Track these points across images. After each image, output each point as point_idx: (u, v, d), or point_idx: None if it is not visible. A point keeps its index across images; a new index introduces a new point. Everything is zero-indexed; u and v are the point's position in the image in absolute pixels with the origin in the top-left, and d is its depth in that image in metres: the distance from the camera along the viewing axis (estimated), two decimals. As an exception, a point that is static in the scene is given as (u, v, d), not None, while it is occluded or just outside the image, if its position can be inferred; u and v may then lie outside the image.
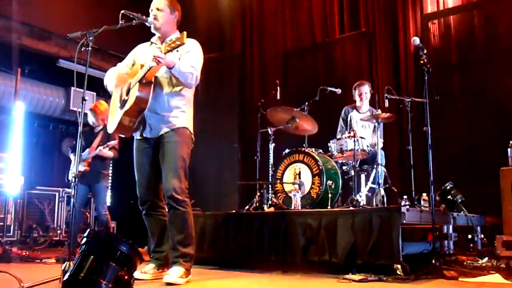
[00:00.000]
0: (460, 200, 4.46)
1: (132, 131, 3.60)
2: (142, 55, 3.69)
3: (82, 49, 3.20)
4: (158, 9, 3.57)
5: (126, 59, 3.82)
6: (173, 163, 3.46)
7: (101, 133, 5.51)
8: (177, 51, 3.41)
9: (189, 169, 3.58)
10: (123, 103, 3.52)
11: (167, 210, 3.55)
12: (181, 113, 3.57)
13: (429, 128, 3.91)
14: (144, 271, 3.54)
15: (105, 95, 8.78)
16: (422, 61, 3.98)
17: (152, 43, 3.73)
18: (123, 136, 3.65)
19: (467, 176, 5.53)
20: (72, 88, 7.75)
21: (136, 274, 3.20)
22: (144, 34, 3.74)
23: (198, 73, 3.52)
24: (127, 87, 3.54)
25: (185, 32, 3.26)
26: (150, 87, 3.41)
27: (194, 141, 3.68)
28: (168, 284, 3.24)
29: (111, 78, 3.67)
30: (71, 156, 5.68)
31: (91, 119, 5.66)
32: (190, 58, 3.52)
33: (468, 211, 4.49)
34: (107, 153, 5.41)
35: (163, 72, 3.51)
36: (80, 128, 3.16)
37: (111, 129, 3.60)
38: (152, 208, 3.66)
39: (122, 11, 3.31)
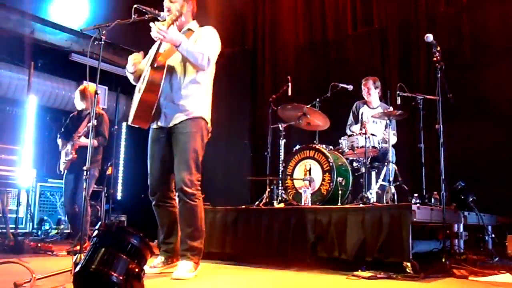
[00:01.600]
0: (471, 199, 4.44)
1: (149, 121, 3.53)
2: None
3: (95, 43, 3.22)
4: (171, 1, 3.55)
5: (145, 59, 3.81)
6: (185, 155, 3.44)
7: (87, 118, 5.37)
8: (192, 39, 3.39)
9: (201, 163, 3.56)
10: (139, 90, 3.53)
11: (177, 202, 3.56)
12: (196, 102, 3.53)
13: (441, 126, 3.89)
14: (153, 265, 3.55)
15: (116, 89, 8.86)
16: (435, 58, 3.96)
17: None
18: (137, 126, 3.59)
19: (479, 175, 5.48)
20: (85, 82, 7.79)
21: (146, 269, 3.22)
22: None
23: (211, 56, 3.49)
24: (143, 76, 3.55)
25: (185, 3, 3.29)
26: (162, 72, 3.41)
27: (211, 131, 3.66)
28: (177, 279, 3.26)
29: (128, 65, 3.64)
30: (59, 141, 5.58)
31: (78, 102, 5.54)
32: (203, 42, 3.52)
33: (479, 210, 4.45)
34: (83, 142, 5.27)
35: (178, 60, 3.50)
36: (93, 122, 3.18)
37: (129, 120, 3.55)
38: (161, 199, 3.64)
39: (135, 6, 3.32)
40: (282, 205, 5.03)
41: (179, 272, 3.31)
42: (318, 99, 5.54)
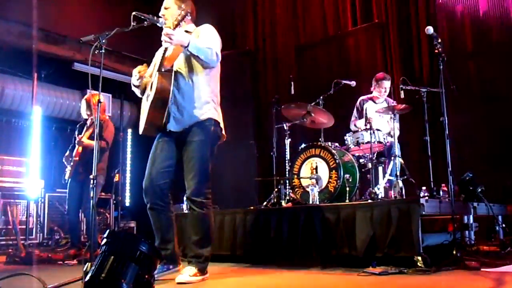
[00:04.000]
0: (480, 190, 4.41)
1: (161, 127, 3.46)
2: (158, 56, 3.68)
3: (96, 52, 3.22)
4: (165, 8, 3.57)
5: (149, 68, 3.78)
6: (194, 164, 3.42)
7: (92, 126, 5.38)
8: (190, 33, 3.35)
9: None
10: (147, 98, 3.50)
11: (188, 209, 3.56)
12: (206, 105, 3.49)
13: (446, 118, 3.87)
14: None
15: (120, 96, 8.89)
16: (436, 50, 3.94)
17: None
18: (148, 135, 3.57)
19: (487, 165, 5.45)
20: (88, 91, 7.83)
21: None
22: (156, 34, 3.74)
23: (218, 50, 3.43)
24: (150, 83, 3.52)
25: (180, 9, 3.27)
26: (170, 75, 3.39)
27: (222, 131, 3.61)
28: (180, 283, 3.24)
29: (133, 78, 3.62)
30: (68, 153, 5.59)
31: (83, 111, 5.56)
32: (205, 38, 3.45)
33: (488, 200, 4.43)
34: (86, 142, 5.28)
35: (184, 62, 3.47)
36: (97, 130, 3.18)
37: (141, 130, 3.51)
38: (156, 202, 3.57)
39: (134, 13, 3.32)
40: (290, 204, 5.02)
41: (183, 276, 3.29)
42: (321, 97, 5.53)
